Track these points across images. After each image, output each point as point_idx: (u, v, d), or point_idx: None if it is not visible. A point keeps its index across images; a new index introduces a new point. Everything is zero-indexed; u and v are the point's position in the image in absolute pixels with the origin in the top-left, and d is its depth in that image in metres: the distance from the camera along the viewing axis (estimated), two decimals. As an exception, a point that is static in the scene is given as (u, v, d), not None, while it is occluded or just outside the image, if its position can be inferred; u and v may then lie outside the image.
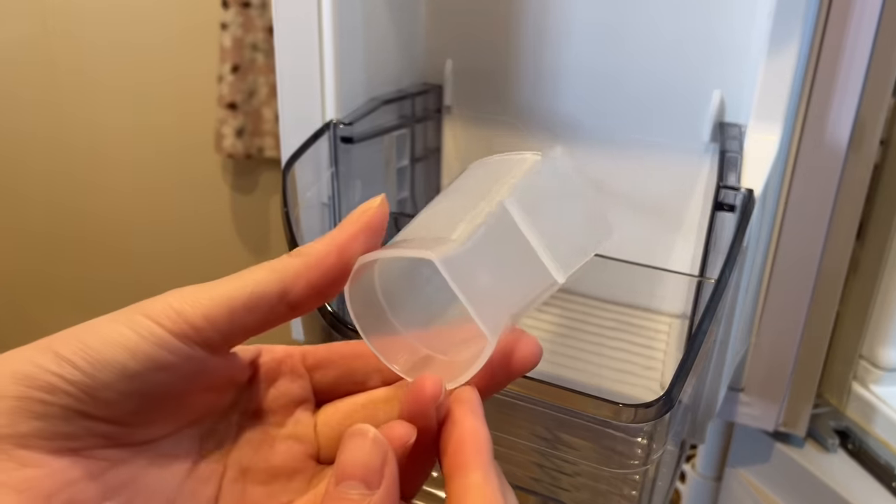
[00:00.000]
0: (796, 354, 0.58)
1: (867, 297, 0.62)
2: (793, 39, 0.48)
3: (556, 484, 0.41)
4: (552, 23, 0.61)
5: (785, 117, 0.50)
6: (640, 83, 0.60)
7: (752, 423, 0.62)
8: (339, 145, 0.55)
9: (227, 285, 0.24)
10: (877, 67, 0.50)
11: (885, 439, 0.61)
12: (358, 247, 0.25)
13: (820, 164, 0.52)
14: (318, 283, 0.25)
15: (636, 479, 0.39)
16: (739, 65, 0.56)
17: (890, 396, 0.63)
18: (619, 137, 0.62)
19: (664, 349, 0.60)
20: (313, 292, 0.25)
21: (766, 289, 0.57)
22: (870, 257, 0.62)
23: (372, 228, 0.25)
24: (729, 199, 0.47)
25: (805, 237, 0.54)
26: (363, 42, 0.57)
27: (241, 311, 0.24)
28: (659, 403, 0.33)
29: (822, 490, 0.61)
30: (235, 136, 1.38)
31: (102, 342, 0.22)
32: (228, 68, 1.33)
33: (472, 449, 0.23)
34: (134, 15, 1.41)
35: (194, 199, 1.56)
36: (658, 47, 0.58)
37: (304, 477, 0.27)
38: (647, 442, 0.36)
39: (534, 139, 0.65)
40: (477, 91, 0.66)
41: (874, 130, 0.54)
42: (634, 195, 0.63)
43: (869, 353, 0.64)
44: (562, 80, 0.62)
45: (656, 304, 0.65)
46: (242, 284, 0.24)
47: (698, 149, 0.59)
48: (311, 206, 0.55)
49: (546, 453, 0.39)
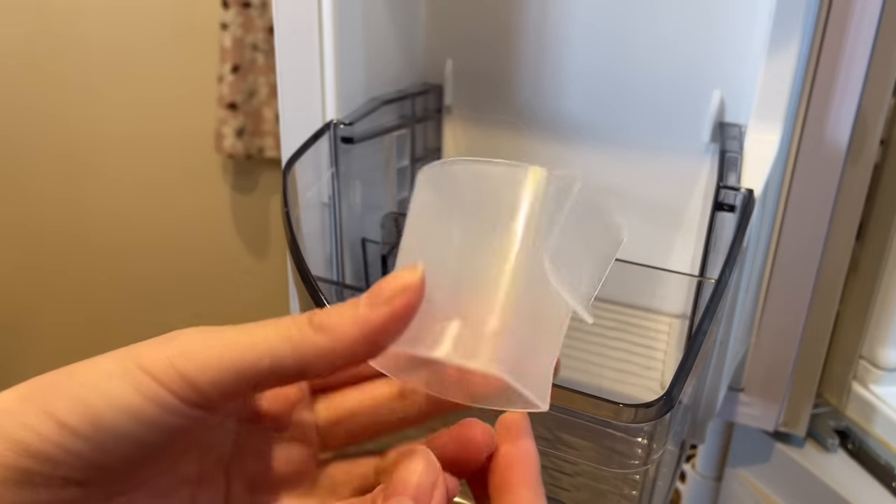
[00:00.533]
0: (796, 354, 0.58)
1: (867, 297, 0.62)
2: (793, 39, 0.48)
3: (556, 484, 0.41)
4: (552, 23, 0.61)
5: (785, 117, 0.50)
6: (641, 83, 0.60)
7: (752, 423, 0.62)
8: (340, 145, 0.55)
9: (237, 349, 0.22)
10: (877, 67, 0.50)
11: (885, 439, 0.61)
12: (389, 337, 0.23)
13: (820, 164, 0.52)
14: (341, 365, 0.23)
15: (636, 479, 0.39)
16: (739, 65, 0.55)
17: (890, 396, 0.63)
18: (620, 137, 0.62)
19: (664, 349, 0.60)
20: (334, 371, 0.23)
21: (766, 289, 0.57)
22: (870, 257, 0.62)
23: (406, 318, 0.23)
24: (729, 199, 0.47)
25: (805, 237, 0.54)
26: (363, 42, 0.57)
27: (252, 381, 0.22)
28: (659, 403, 0.33)
29: (822, 490, 0.61)
30: (235, 137, 1.38)
31: (105, 404, 0.20)
32: (228, 68, 1.33)
33: (524, 468, 0.24)
34: (134, 15, 1.41)
35: (194, 199, 1.56)
36: (658, 47, 0.58)
37: (309, 479, 0.26)
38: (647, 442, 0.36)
39: (534, 139, 0.65)
40: (477, 91, 0.66)
41: (874, 130, 0.54)
42: (634, 195, 0.63)
43: (869, 353, 0.64)
44: (562, 79, 0.62)
45: (656, 304, 0.64)
46: (256, 356, 0.22)
47: (698, 149, 0.59)
48: (312, 206, 0.55)
49: (546, 453, 0.39)
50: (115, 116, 1.50)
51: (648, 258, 0.59)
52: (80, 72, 1.46)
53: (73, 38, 1.44)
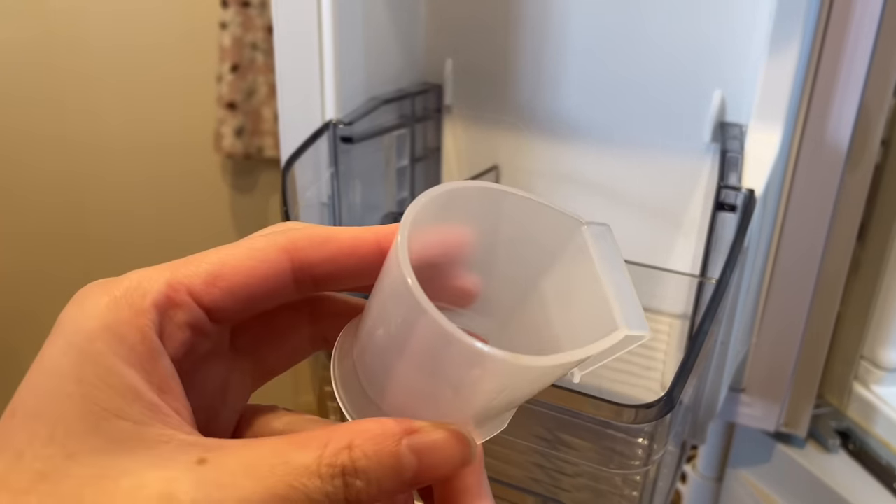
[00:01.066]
0: (797, 355, 0.58)
1: (868, 298, 0.62)
2: (794, 39, 0.48)
3: (556, 484, 0.41)
4: (552, 22, 0.61)
5: (786, 117, 0.50)
6: (641, 83, 0.60)
7: (753, 424, 0.62)
8: (339, 145, 0.55)
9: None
10: (878, 67, 0.50)
11: (886, 440, 0.61)
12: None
13: (821, 164, 0.52)
14: None
15: (637, 480, 0.39)
16: (740, 65, 0.55)
17: (891, 397, 0.62)
18: (620, 137, 0.62)
19: (665, 349, 0.60)
20: None
21: (766, 289, 0.57)
22: (871, 257, 0.62)
23: None
24: (730, 199, 0.47)
25: (806, 237, 0.54)
26: (363, 42, 0.57)
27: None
28: (660, 404, 0.33)
29: (823, 491, 0.61)
30: (235, 136, 1.38)
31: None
32: (228, 68, 1.33)
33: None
34: (133, 15, 1.41)
35: (193, 199, 1.56)
36: (659, 47, 0.58)
37: None
38: (647, 442, 0.36)
39: (534, 139, 0.65)
40: (477, 91, 0.66)
41: (875, 130, 0.53)
42: (635, 195, 0.63)
43: (870, 353, 0.64)
44: (562, 79, 0.62)
45: (657, 304, 0.64)
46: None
47: (699, 149, 0.59)
48: (311, 205, 0.55)
49: (546, 454, 0.39)
50: (114, 116, 1.49)
51: (649, 258, 0.59)
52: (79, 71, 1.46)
53: (73, 38, 1.44)
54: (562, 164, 0.65)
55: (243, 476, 0.18)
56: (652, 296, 0.64)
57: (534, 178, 0.66)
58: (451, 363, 0.20)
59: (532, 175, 0.66)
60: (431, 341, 0.20)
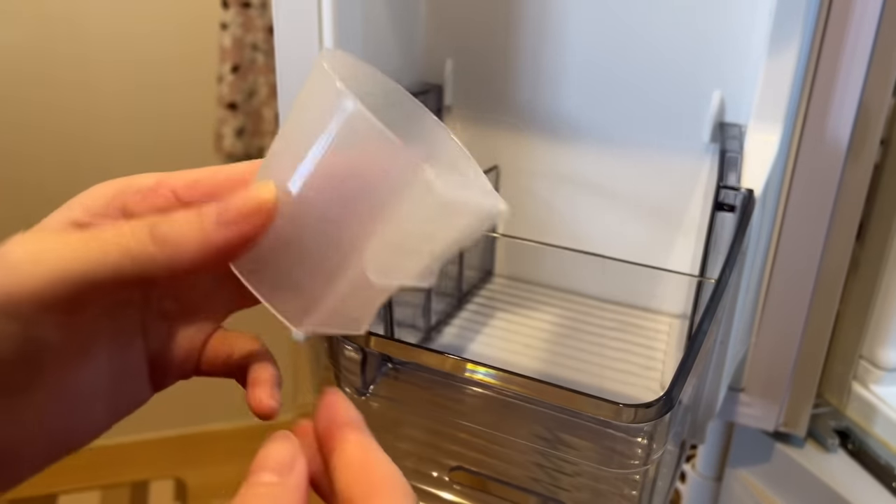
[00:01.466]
0: (796, 354, 0.58)
1: (867, 297, 0.62)
2: (793, 39, 0.48)
3: (556, 484, 0.41)
4: (552, 22, 0.61)
5: (785, 117, 0.50)
6: (641, 83, 0.60)
7: (753, 424, 0.62)
8: (339, 145, 0.55)
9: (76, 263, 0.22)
10: (877, 67, 0.50)
11: (885, 439, 0.61)
12: (233, 256, 0.23)
13: (820, 164, 0.52)
14: (183, 276, 0.23)
15: (636, 480, 0.39)
16: (739, 65, 0.55)
17: (890, 396, 0.63)
18: (619, 137, 0.62)
19: (664, 349, 0.60)
20: (177, 279, 0.26)
21: (766, 289, 0.57)
22: (870, 257, 0.62)
23: (254, 240, 0.23)
24: (729, 199, 0.47)
25: (805, 237, 0.54)
26: (363, 42, 0.57)
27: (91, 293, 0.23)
28: (659, 404, 0.33)
29: (823, 490, 0.61)
30: (235, 136, 1.38)
31: None
32: (228, 68, 1.33)
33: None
34: (133, 15, 1.41)
35: (194, 199, 1.56)
36: (658, 47, 0.58)
37: None
38: (647, 442, 0.36)
39: (534, 139, 0.65)
40: (477, 91, 0.66)
41: (875, 130, 0.54)
42: (634, 195, 0.63)
43: (869, 353, 0.64)
44: (562, 79, 0.62)
45: (656, 304, 0.64)
46: (95, 270, 0.22)
47: (698, 149, 0.59)
48: (311, 206, 0.55)
49: (546, 453, 0.39)
50: (114, 116, 1.50)
51: (648, 258, 0.59)
52: (79, 71, 1.46)
53: (74, 39, 1.44)
54: (562, 165, 0.65)
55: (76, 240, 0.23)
56: (651, 296, 0.65)
57: (534, 178, 0.66)
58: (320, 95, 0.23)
59: (532, 175, 0.66)
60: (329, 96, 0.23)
